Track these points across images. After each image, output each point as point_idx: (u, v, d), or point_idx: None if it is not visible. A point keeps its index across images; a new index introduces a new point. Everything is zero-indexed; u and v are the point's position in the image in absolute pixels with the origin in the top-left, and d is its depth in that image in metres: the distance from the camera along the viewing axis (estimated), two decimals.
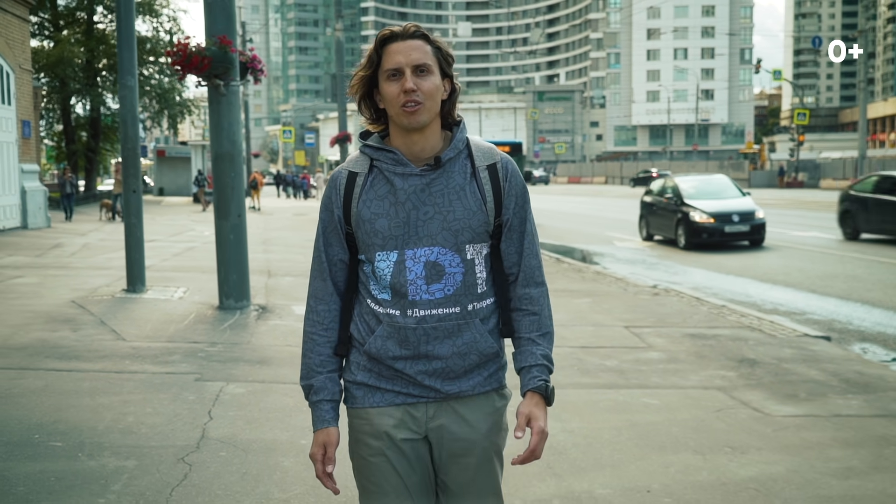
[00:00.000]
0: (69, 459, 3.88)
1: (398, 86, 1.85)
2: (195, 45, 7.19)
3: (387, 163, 1.91)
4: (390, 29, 1.91)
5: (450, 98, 1.94)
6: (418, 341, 1.89)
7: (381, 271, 1.90)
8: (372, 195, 1.91)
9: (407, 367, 1.91)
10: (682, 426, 4.65)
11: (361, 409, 1.94)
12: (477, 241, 1.92)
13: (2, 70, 16.38)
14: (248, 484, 3.62)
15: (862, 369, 6.18)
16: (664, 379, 5.79)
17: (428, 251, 1.89)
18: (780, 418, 4.86)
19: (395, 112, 1.87)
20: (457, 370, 1.92)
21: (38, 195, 18.18)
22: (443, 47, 1.92)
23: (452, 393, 1.92)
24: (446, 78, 1.93)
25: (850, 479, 3.90)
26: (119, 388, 5.16)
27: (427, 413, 1.93)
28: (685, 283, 11.32)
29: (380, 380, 1.93)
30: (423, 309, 1.89)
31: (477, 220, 1.91)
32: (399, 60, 1.86)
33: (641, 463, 4.03)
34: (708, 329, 7.62)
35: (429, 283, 1.89)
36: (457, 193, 1.90)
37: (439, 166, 1.90)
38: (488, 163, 1.95)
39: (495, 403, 1.99)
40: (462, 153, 1.95)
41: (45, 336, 6.66)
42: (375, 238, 1.89)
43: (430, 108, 1.88)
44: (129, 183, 8.90)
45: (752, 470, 3.98)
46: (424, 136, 1.90)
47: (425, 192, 1.89)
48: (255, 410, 4.73)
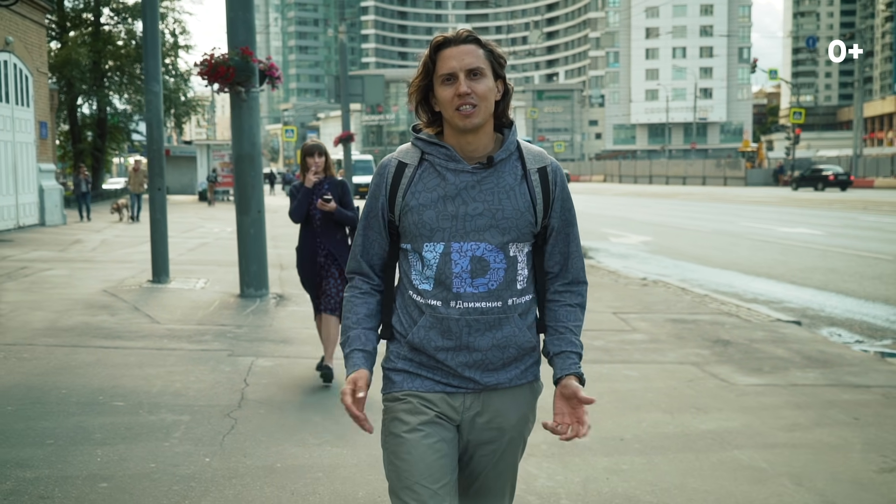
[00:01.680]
0: (132, 415, 4.58)
1: (453, 90, 1.90)
2: (220, 56, 7.88)
3: (439, 157, 1.97)
4: (444, 35, 1.96)
5: (503, 99, 1.99)
6: (461, 332, 1.95)
7: (428, 261, 1.96)
8: (421, 187, 1.97)
9: (449, 357, 1.96)
10: (655, 392, 5.35)
11: (400, 391, 2.00)
12: (521, 241, 1.98)
13: (21, 74, 17.07)
14: (286, 433, 4.32)
15: (824, 349, 6.87)
16: (645, 356, 6.48)
17: (475, 246, 1.94)
18: (743, 386, 5.56)
19: (450, 115, 1.92)
20: (496, 362, 1.98)
21: (55, 193, 18.87)
22: (495, 50, 1.97)
23: (490, 384, 1.99)
24: (499, 79, 1.98)
25: (794, 431, 4.59)
26: (162, 361, 5.87)
27: (465, 403, 1.99)
28: (674, 275, 11.99)
29: (420, 368, 1.99)
30: (466, 301, 1.94)
31: (524, 221, 1.96)
32: (453, 65, 1.91)
33: (618, 419, 4.72)
34: (689, 315, 8.31)
35: (473, 277, 1.94)
36: (507, 193, 1.96)
37: (491, 165, 1.96)
38: (539, 166, 2.00)
39: (528, 396, 2.06)
40: (513, 155, 2.01)
41: (88, 320, 7.36)
42: (423, 229, 1.95)
43: (485, 110, 1.93)
44: (155, 182, 9.60)
45: (712, 425, 4.68)
46: (478, 136, 1.96)
47: (476, 188, 1.95)
48: (284, 379, 5.44)
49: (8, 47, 16.13)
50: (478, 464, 2.04)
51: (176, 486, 3.59)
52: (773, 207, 28.43)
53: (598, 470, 3.90)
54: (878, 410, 5.02)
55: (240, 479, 3.68)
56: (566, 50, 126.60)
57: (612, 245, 16.94)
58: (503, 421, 2.00)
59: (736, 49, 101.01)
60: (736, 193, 42.03)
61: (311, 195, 5.32)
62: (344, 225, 5.36)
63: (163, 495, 3.48)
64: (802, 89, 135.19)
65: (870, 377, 5.86)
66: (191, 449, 4.04)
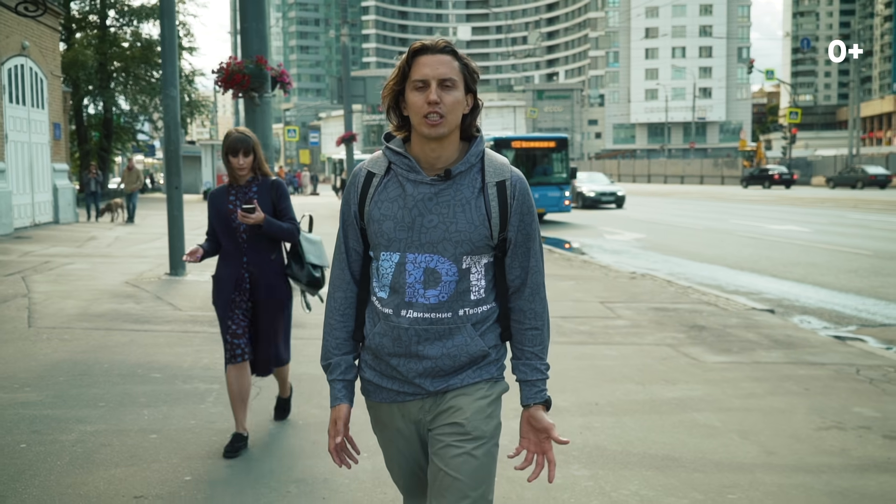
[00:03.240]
0: (169, 384, 5.23)
1: (423, 97, 1.93)
2: (236, 64, 8.52)
3: (402, 168, 2.01)
4: (422, 42, 1.99)
5: (471, 113, 2.03)
6: (409, 341, 1.99)
7: (384, 270, 2.01)
8: (384, 196, 2.02)
9: (400, 364, 2.02)
10: (631, 368, 5.99)
11: (373, 403, 2.12)
12: (476, 253, 2.00)
13: (36, 77, 17.73)
14: (304, 398, 4.96)
15: (792, 333, 7.50)
16: (625, 339, 7.12)
17: (428, 258, 1.97)
18: (711, 364, 6.20)
19: (418, 121, 1.95)
20: (446, 370, 2.02)
21: (68, 192, 19.54)
22: (469, 64, 2.00)
23: (440, 390, 2.03)
24: (469, 93, 2.01)
25: (748, 399, 5.23)
26: (189, 341, 6.51)
27: (423, 408, 2.05)
28: (662, 269, 12.62)
29: (382, 378, 2.06)
30: (416, 311, 1.98)
31: (478, 234, 1.98)
32: (426, 73, 1.93)
33: (594, 389, 5.37)
34: (671, 304, 8.95)
35: (426, 288, 1.98)
36: (462, 206, 1.98)
37: (449, 178, 1.99)
38: (498, 179, 2.02)
39: (486, 390, 2.06)
40: (475, 167, 2.02)
41: (116, 307, 8.01)
42: (381, 238, 2.00)
43: (451, 122, 1.95)
44: (172, 180, 10.25)
45: (677, 393, 5.32)
46: (442, 146, 1.99)
47: (433, 201, 1.98)
48: (299, 356, 6.06)
49: (24, 51, 16.78)
50: (447, 464, 2.01)
51: (215, 437, 4.24)
52: (766, 206, 29.04)
53: (573, 426, 4.54)
54: (827, 383, 5.66)
55: (268, 432, 4.33)
56: (566, 50, 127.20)
57: (606, 242, 17.56)
58: (459, 415, 2.01)
59: (735, 49, 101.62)
60: (732, 192, 42.69)
61: (225, 202, 4.05)
62: (279, 241, 4.15)
63: (204, 444, 4.13)
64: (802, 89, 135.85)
65: (827, 357, 6.50)
66: (223, 410, 4.69)
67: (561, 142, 23.08)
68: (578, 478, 3.78)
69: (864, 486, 3.76)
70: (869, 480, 3.83)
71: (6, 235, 15.24)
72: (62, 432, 4.19)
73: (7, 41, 15.94)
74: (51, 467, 3.79)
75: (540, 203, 21.49)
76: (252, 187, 4.07)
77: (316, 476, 3.73)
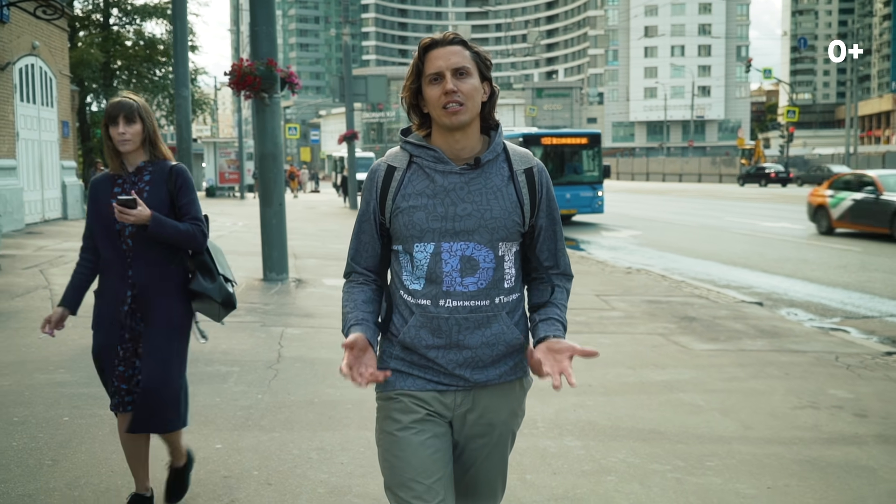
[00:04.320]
0: (193, 366, 5.55)
1: (440, 88, 1.95)
2: (247, 67, 8.90)
3: (427, 160, 2.02)
4: (431, 37, 2.01)
5: (489, 100, 2.04)
6: (451, 330, 1.99)
7: (419, 261, 2.01)
8: (411, 189, 2.01)
9: (440, 356, 2.01)
10: (623, 354, 6.38)
11: (393, 391, 2.05)
12: (509, 240, 2.03)
13: (46, 76, 18.10)
14: (318, 378, 5.35)
15: (778, 324, 7.89)
16: (619, 328, 7.51)
17: (464, 245, 1.98)
18: (699, 351, 6.58)
19: (438, 113, 1.97)
20: (485, 360, 2.03)
21: (76, 189, 19.93)
22: (481, 52, 2.02)
23: (480, 382, 2.04)
24: (485, 81, 2.03)
25: (731, 382, 5.62)
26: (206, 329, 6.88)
27: (455, 400, 2.05)
28: (657, 265, 13.00)
29: (412, 367, 2.04)
30: (455, 300, 1.99)
31: (512, 221, 2.01)
32: (440, 65, 1.95)
33: (589, 372, 5.75)
34: (664, 297, 9.33)
35: (463, 276, 1.99)
36: (494, 193, 2.00)
37: (479, 166, 2.01)
38: (525, 167, 2.06)
39: (517, 392, 2.12)
40: (500, 156, 2.06)
41: None
42: (413, 230, 1.99)
43: (471, 109, 1.97)
44: None
45: (666, 377, 5.71)
46: (466, 135, 2.00)
47: (464, 189, 1.99)
48: (312, 342, 6.47)
49: (34, 51, 17.15)
50: (468, 458, 2.11)
51: (239, 412, 4.62)
52: (762, 204, 29.41)
53: (567, 405, 4.92)
54: (807, 368, 6.04)
55: (287, 408, 4.72)
56: (565, 48, 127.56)
57: (604, 238, 17.94)
58: (493, 416, 2.06)
59: (734, 47, 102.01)
60: (728, 190, 43.11)
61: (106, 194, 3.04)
62: (176, 248, 3.07)
63: (230, 417, 4.52)
64: (801, 87, 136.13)
65: (809, 345, 6.88)
66: (245, 389, 5.08)
67: (593, 138, 21.87)
68: (571, 447, 4.16)
69: (831, 455, 4.15)
70: (835, 451, 4.21)
71: (18, 231, 15.62)
72: (99, 407, 4.57)
73: (18, 41, 16.31)
74: (94, 436, 4.18)
75: (572, 203, 20.69)
76: (144, 175, 3.03)
77: (334, 445, 4.12)
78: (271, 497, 3.47)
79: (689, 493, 3.60)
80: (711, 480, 3.76)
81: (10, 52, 15.86)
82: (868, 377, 5.79)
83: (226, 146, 39.28)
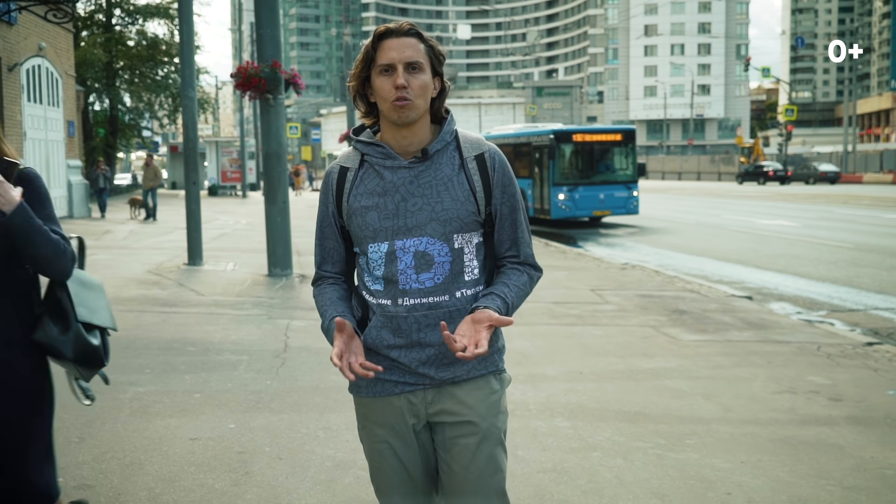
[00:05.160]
0: (204, 355, 5.92)
1: (390, 81, 1.89)
2: (252, 69, 9.19)
3: (376, 157, 1.97)
4: (386, 25, 1.94)
5: (439, 96, 1.98)
6: (410, 329, 1.94)
7: (374, 262, 1.97)
8: (362, 189, 1.97)
9: (402, 355, 1.96)
10: (614, 345, 6.67)
11: (366, 398, 2.03)
12: (466, 231, 1.97)
13: (52, 76, 18.40)
14: (324, 367, 5.65)
15: (766, 317, 8.18)
16: (611, 321, 7.80)
17: (417, 241, 1.93)
18: (687, 341, 6.87)
19: (386, 107, 1.91)
20: (450, 356, 1.96)
21: (81, 188, 20.25)
22: (435, 46, 1.95)
23: (447, 379, 1.98)
24: (437, 76, 1.96)
25: (716, 370, 5.91)
26: (215, 321, 7.20)
27: (426, 399, 1.99)
28: (653, 261, 13.28)
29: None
30: (413, 297, 1.94)
31: (465, 210, 1.95)
32: (392, 56, 1.89)
33: (580, 361, 6.05)
34: (657, 292, 9.63)
35: (418, 273, 1.94)
36: (444, 184, 1.95)
37: (426, 158, 1.95)
38: (476, 153, 1.99)
39: (492, 385, 2.03)
40: (450, 145, 1.99)
41: (143, 292, 8.70)
42: (366, 230, 1.95)
43: (420, 105, 1.91)
44: (190, 176, 10.94)
45: (653, 365, 6.00)
46: (413, 130, 1.95)
47: (414, 183, 1.94)
48: (316, 334, 6.74)
49: (41, 52, 17.45)
50: (455, 460, 2.01)
51: (250, 396, 4.92)
52: (759, 202, 29.69)
53: (559, 390, 5.22)
54: (789, 357, 6.33)
55: (295, 392, 5.02)
56: (565, 46, 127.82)
57: (601, 236, 18.23)
58: (470, 413, 1.99)
59: (734, 46, 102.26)
60: (727, 188, 43.43)
61: None
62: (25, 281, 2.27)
63: (242, 401, 4.82)
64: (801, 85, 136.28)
65: (793, 336, 7.17)
66: (255, 376, 5.38)
67: (627, 134, 20.67)
68: (561, 427, 4.46)
69: (804, 434, 4.44)
70: (808, 431, 4.51)
71: None
72: (119, 392, 4.87)
73: (25, 42, 16.61)
74: (115, 417, 4.48)
75: (606, 204, 19.78)
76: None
77: (339, 425, 4.41)
78: (283, 469, 3.76)
79: (669, 467, 3.90)
80: (690, 456, 4.05)
81: (17, 54, 16.16)
82: (847, 365, 6.08)
83: (227, 145, 39.60)
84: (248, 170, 37.83)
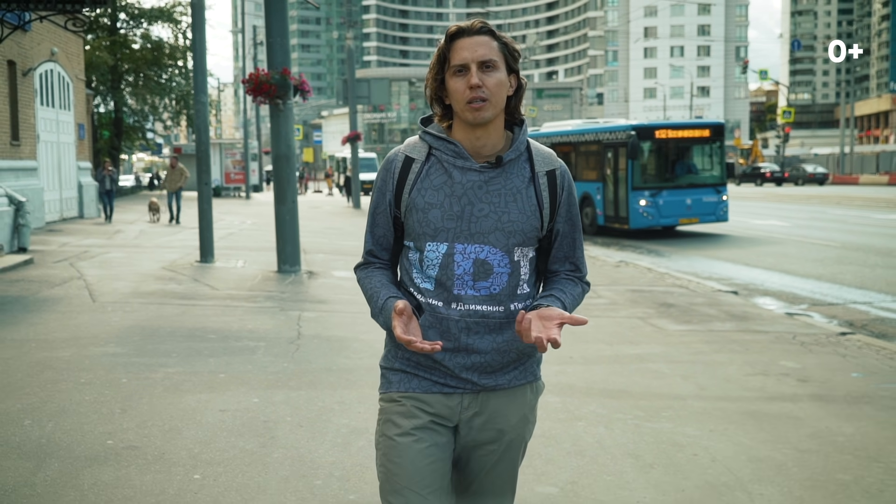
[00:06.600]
0: (224, 342, 6.42)
1: (464, 81, 1.85)
2: (263, 75, 9.70)
3: (447, 154, 1.92)
4: (458, 25, 1.90)
5: (516, 94, 1.94)
6: (459, 334, 1.91)
7: (429, 261, 1.92)
8: (427, 184, 1.92)
9: (447, 358, 1.92)
10: (603, 333, 7.17)
11: (396, 392, 1.97)
12: (526, 245, 1.94)
13: (63, 80, 18.93)
14: (335, 352, 6.15)
15: (749, 310, 8.68)
16: (602, 313, 8.30)
17: (479, 248, 1.89)
18: (671, 331, 7.38)
19: (461, 108, 1.87)
20: (495, 365, 1.94)
21: (91, 189, 20.78)
22: (509, 43, 1.91)
23: (489, 386, 1.95)
24: (512, 73, 1.92)
25: (696, 356, 6.41)
26: (231, 312, 7.71)
27: (462, 404, 1.96)
28: (646, 259, 13.79)
29: (417, 368, 1.96)
30: (466, 304, 1.90)
31: (530, 225, 1.92)
32: (465, 56, 1.85)
33: (570, 347, 6.54)
34: (647, 287, 10.13)
35: (475, 280, 1.90)
36: (513, 195, 1.91)
37: (500, 166, 1.91)
38: (548, 169, 1.96)
39: (528, 396, 2.02)
40: (522, 155, 1.95)
41: (161, 287, 9.21)
42: (427, 228, 1.90)
43: (496, 105, 1.87)
44: (202, 177, 11.46)
45: (639, 351, 6.51)
46: (487, 132, 1.91)
47: (483, 189, 1.89)
48: (327, 323, 7.27)
49: (53, 57, 17.98)
50: (476, 464, 2.02)
51: (270, 376, 5.43)
52: (754, 202, 30.19)
53: (549, 372, 5.67)
54: (766, 345, 6.83)
55: (311, 373, 5.52)
56: (565, 49, 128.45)
57: (598, 236, 18.72)
58: (502, 422, 1.98)
59: (733, 48, 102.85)
60: None
61: None
62: None
63: (262, 380, 5.32)
64: (800, 87, 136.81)
65: (772, 327, 7.67)
66: (273, 360, 5.89)
67: (716, 129, 18.00)
68: (550, 402, 4.96)
69: (768, 409, 4.95)
70: (773, 406, 5.01)
71: (39, 228, 16.42)
72: (151, 372, 5.38)
73: (38, 48, 17.14)
74: (151, 393, 4.99)
75: (693, 211, 17.30)
76: None
77: (352, 399, 4.91)
78: (304, 434, 4.27)
79: (645, 434, 4.40)
80: (664, 425, 4.56)
81: (31, 59, 16.69)
82: (818, 352, 6.58)
83: (231, 147, 40.13)
84: (252, 171, 38.34)
